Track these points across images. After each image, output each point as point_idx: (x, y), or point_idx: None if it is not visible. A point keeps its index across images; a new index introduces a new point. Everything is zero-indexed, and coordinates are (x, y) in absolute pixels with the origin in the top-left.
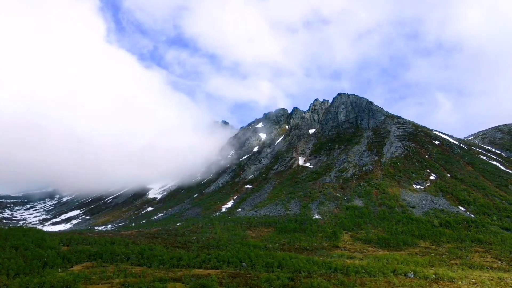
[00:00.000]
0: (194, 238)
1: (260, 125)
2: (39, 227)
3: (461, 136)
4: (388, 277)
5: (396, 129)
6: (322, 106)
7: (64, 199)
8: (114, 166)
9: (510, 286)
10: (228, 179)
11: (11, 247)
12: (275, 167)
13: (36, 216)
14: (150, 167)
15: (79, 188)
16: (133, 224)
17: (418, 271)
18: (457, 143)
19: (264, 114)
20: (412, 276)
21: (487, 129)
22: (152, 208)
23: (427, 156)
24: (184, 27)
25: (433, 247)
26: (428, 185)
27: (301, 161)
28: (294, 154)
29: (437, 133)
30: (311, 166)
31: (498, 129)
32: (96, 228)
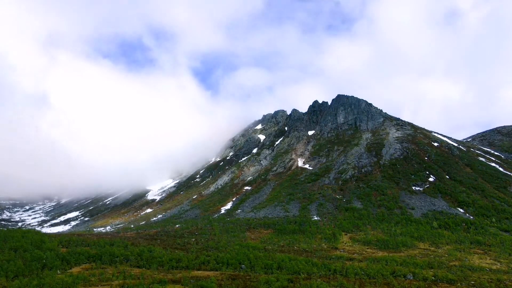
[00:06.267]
0: (193, 239)
1: (259, 126)
2: (38, 228)
3: (460, 138)
4: (387, 278)
5: (395, 130)
6: (321, 108)
7: (63, 201)
8: (113, 168)
9: None
10: (227, 181)
11: (10, 249)
12: (274, 168)
13: (35, 218)
14: (149, 168)
15: (77, 191)
16: (132, 226)
17: (417, 272)
18: (456, 145)
19: (263, 115)
20: (411, 277)
21: (486, 131)
22: (151, 210)
23: (426, 158)
24: None
25: (432, 248)
26: (427, 187)
27: (300, 162)
28: (293, 156)
29: (436, 135)
30: (310, 168)
31: (497, 131)
32: (95, 229)
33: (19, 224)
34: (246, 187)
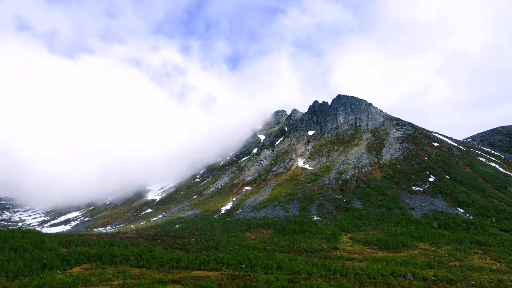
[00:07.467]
0: (193, 239)
1: (259, 126)
2: (38, 228)
3: (460, 138)
4: (387, 279)
5: (395, 130)
6: (321, 108)
7: (63, 202)
8: (113, 168)
9: None
10: (227, 181)
11: (10, 249)
12: (274, 168)
13: (35, 218)
14: (149, 169)
15: (77, 192)
16: (132, 226)
17: (417, 273)
18: (456, 145)
19: (263, 115)
20: (411, 278)
21: (486, 131)
22: (151, 210)
23: (426, 158)
24: None
25: (432, 248)
26: (427, 187)
27: (300, 162)
28: (293, 156)
29: (436, 135)
30: (310, 168)
31: (497, 131)
32: (95, 229)
33: (19, 224)
34: (246, 187)
